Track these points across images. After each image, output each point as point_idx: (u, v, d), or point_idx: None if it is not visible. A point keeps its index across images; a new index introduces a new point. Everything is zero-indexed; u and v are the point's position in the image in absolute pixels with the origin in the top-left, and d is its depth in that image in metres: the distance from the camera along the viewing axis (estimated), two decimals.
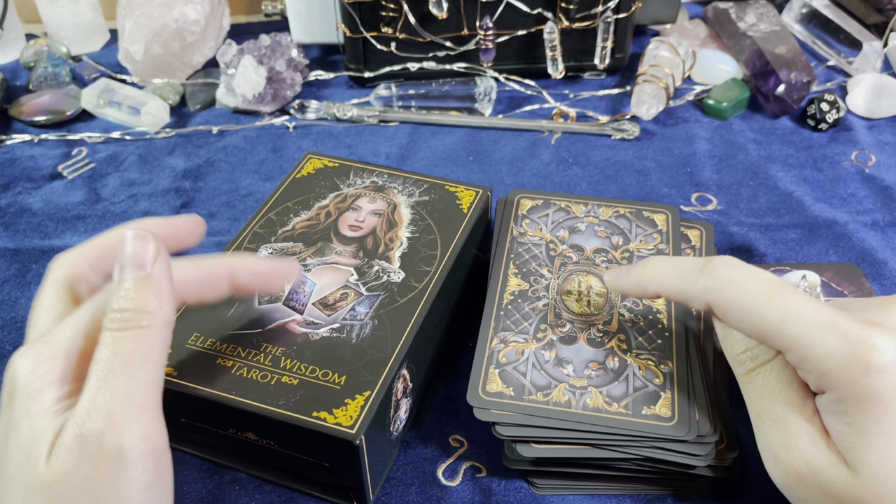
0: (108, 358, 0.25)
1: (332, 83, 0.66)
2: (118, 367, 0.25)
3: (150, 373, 0.26)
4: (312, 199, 0.42)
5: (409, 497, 0.35)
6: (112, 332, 0.26)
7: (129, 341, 0.26)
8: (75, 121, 0.62)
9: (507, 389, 0.33)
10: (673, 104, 0.62)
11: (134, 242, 0.27)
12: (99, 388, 0.25)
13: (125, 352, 0.26)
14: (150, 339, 0.26)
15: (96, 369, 0.25)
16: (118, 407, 0.25)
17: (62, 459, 0.24)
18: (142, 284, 0.27)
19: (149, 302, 0.27)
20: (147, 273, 0.27)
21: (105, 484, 0.24)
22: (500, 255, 0.40)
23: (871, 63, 0.62)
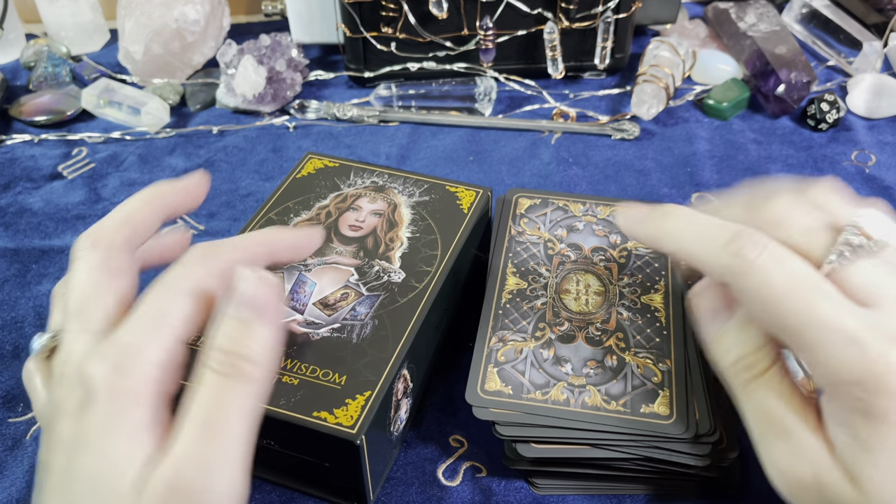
0: (213, 405, 0.24)
1: (332, 83, 0.66)
2: (223, 420, 0.24)
3: (251, 430, 0.25)
4: (313, 199, 0.42)
5: (409, 497, 0.35)
6: (217, 375, 0.24)
7: (237, 393, 0.24)
8: (75, 121, 0.62)
9: (505, 388, 0.33)
10: (673, 104, 0.62)
11: (259, 283, 0.26)
12: (199, 436, 0.24)
13: (232, 404, 0.24)
14: (256, 393, 0.25)
15: (197, 411, 0.24)
16: (219, 463, 0.23)
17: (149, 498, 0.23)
18: (256, 331, 0.25)
19: (260, 353, 0.25)
20: (262, 319, 0.26)
21: None
22: (498, 254, 0.40)
23: (871, 63, 0.62)
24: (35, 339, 0.29)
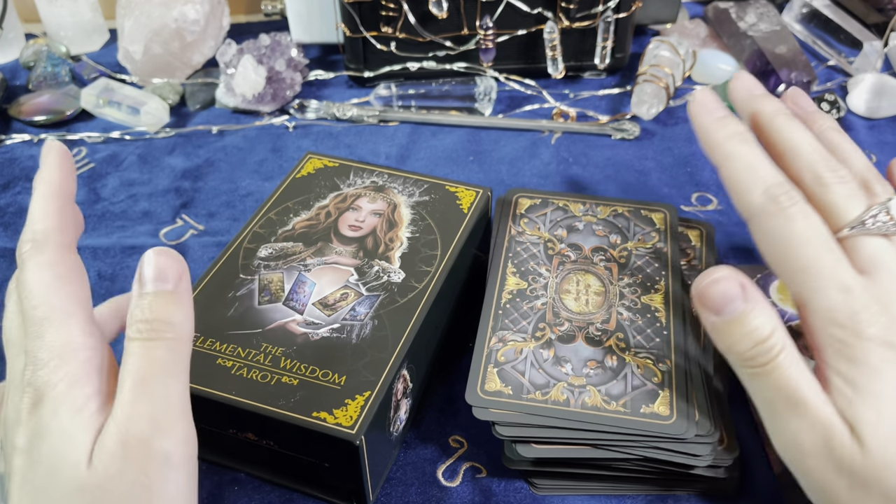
0: (144, 366, 0.26)
1: (331, 83, 0.66)
2: (154, 376, 0.26)
3: (182, 382, 0.26)
4: (312, 199, 0.42)
5: (409, 497, 0.35)
6: (140, 341, 0.26)
7: (161, 351, 0.26)
8: (75, 121, 0.61)
9: (505, 388, 0.33)
10: (673, 104, 0.62)
11: (158, 258, 0.28)
12: (137, 394, 0.25)
13: (159, 361, 0.26)
14: (181, 350, 0.27)
15: (131, 376, 0.26)
16: (160, 413, 0.25)
17: (106, 464, 0.24)
18: (167, 298, 0.27)
19: (175, 315, 0.27)
20: (173, 289, 0.27)
21: (154, 488, 0.24)
22: (498, 254, 0.40)
23: (871, 63, 0.62)
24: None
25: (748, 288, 0.30)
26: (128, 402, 0.25)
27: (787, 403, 0.29)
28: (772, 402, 0.29)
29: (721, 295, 0.30)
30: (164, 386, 0.26)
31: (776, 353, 0.29)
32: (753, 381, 0.30)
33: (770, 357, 0.29)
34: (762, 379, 0.29)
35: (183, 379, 0.27)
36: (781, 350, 0.29)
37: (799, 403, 0.28)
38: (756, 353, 0.29)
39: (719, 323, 0.30)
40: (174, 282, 0.28)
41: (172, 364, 0.26)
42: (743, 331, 0.30)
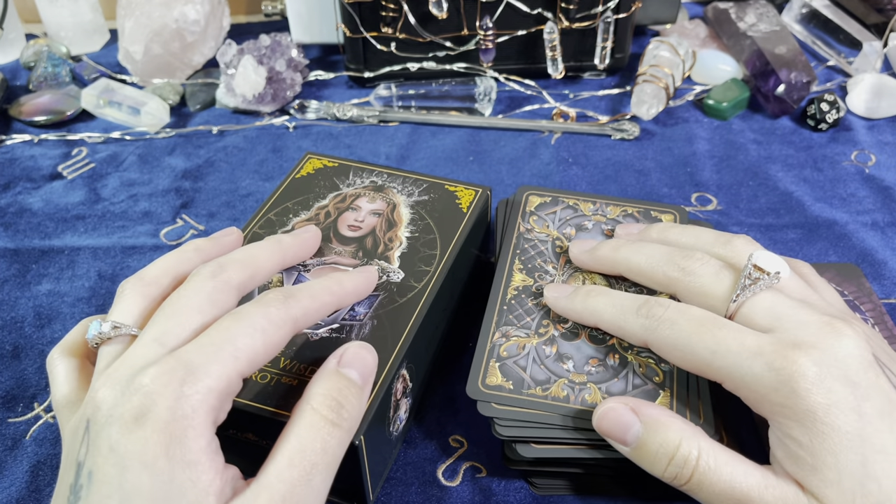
0: (318, 451, 0.26)
1: (332, 83, 0.66)
2: (323, 465, 0.26)
3: (333, 474, 0.27)
4: (312, 199, 0.42)
5: (409, 497, 0.35)
6: (320, 415, 0.26)
7: (336, 441, 0.26)
8: (75, 121, 0.62)
9: (506, 383, 0.34)
10: (673, 104, 0.62)
11: (365, 353, 0.30)
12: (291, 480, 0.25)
13: (331, 452, 0.26)
14: (345, 444, 0.27)
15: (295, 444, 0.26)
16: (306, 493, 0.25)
17: None
18: (358, 392, 0.28)
19: (357, 411, 0.28)
20: (361, 384, 0.29)
21: None
22: (506, 250, 0.40)
23: (870, 63, 0.62)
24: (93, 325, 0.28)
25: (640, 407, 0.30)
26: (276, 486, 0.25)
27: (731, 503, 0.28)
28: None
29: (616, 425, 0.30)
30: (323, 480, 0.26)
31: (693, 461, 0.28)
32: (693, 495, 0.29)
33: (690, 469, 0.28)
34: (697, 492, 0.29)
35: (332, 473, 0.27)
36: (698, 456, 0.28)
37: (742, 498, 0.28)
38: (675, 471, 0.29)
39: (632, 452, 0.30)
40: (366, 379, 0.29)
41: (337, 459, 0.27)
42: (651, 453, 0.29)
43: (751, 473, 0.28)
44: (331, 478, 0.26)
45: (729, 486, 0.28)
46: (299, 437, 0.26)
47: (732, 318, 0.31)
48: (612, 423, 0.30)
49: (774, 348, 0.28)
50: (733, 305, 0.31)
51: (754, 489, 0.28)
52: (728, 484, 0.28)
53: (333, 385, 0.28)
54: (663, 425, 0.29)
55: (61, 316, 0.45)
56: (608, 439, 0.31)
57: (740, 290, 0.31)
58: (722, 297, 0.31)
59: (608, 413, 0.31)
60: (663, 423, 0.29)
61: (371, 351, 0.30)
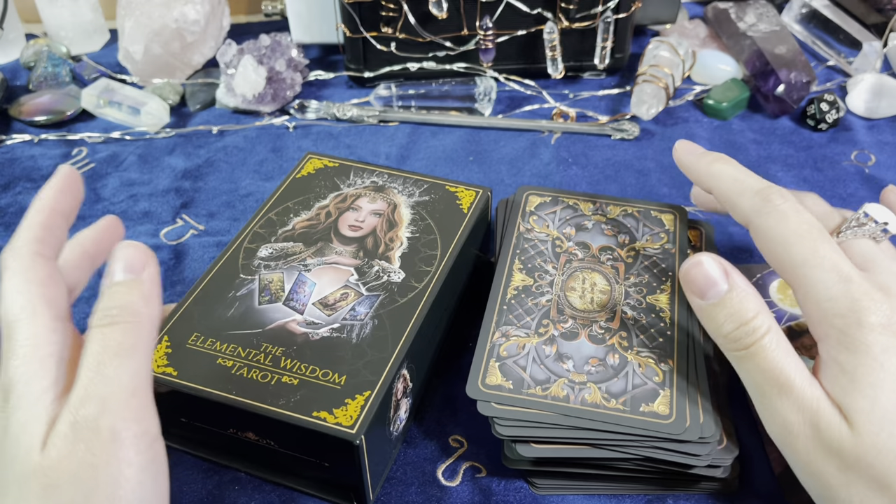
0: (99, 350, 0.27)
1: (332, 83, 0.66)
2: (108, 358, 0.26)
3: (138, 362, 0.27)
4: (313, 199, 0.42)
5: (409, 497, 0.35)
6: (101, 328, 0.27)
7: (119, 334, 0.27)
8: (75, 121, 0.62)
9: (506, 383, 0.34)
10: (673, 104, 0.62)
11: (125, 250, 0.29)
12: (91, 378, 0.26)
13: (114, 344, 0.27)
14: (138, 332, 0.27)
15: (87, 361, 0.26)
16: (110, 393, 0.26)
17: (58, 447, 0.25)
18: (131, 286, 0.28)
19: (136, 301, 0.28)
20: (137, 277, 0.29)
21: (100, 466, 0.25)
22: (505, 250, 0.40)
23: (870, 63, 0.62)
24: None
25: (731, 272, 0.31)
26: (81, 385, 0.26)
27: (773, 385, 0.29)
28: (759, 385, 0.30)
29: (703, 278, 0.31)
30: (117, 367, 0.26)
31: (760, 334, 0.30)
32: (740, 364, 0.31)
33: (754, 338, 0.30)
34: (748, 361, 0.30)
35: (139, 359, 0.27)
36: (766, 332, 0.30)
37: (784, 385, 0.29)
38: (740, 335, 0.30)
39: (705, 306, 0.31)
40: (140, 271, 0.29)
41: (128, 346, 0.27)
42: (726, 312, 0.31)
43: (802, 369, 0.29)
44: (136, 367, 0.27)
45: (778, 368, 0.29)
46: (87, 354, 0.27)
47: None
48: (700, 275, 0.31)
49: (861, 282, 0.29)
50: (837, 237, 0.31)
51: (798, 381, 0.29)
52: (778, 365, 0.29)
53: (101, 299, 0.28)
54: (747, 294, 0.31)
55: None
56: (686, 289, 0.32)
57: (844, 228, 0.32)
58: (829, 226, 0.32)
59: (698, 266, 0.32)
60: (748, 292, 0.31)
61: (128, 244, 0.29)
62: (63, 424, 0.25)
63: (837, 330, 0.29)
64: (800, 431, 0.29)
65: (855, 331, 0.28)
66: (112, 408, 0.25)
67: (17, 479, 0.25)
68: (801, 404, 0.29)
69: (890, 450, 0.27)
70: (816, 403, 0.29)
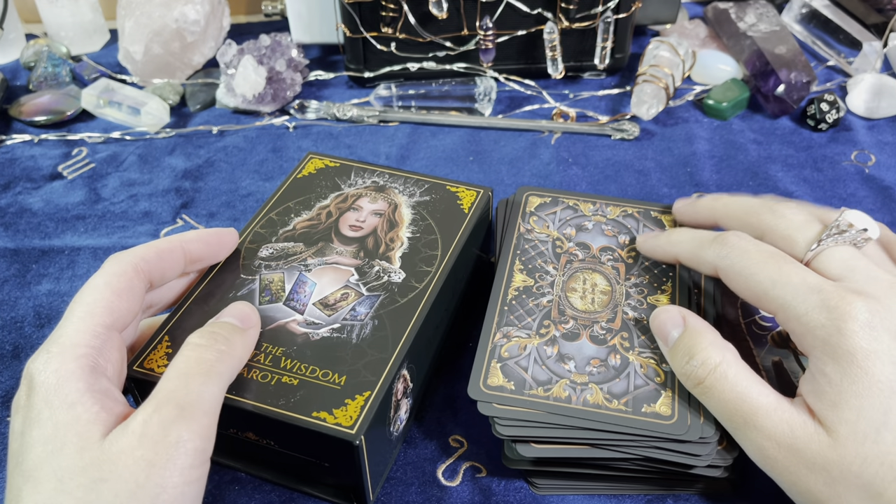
0: (192, 364, 0.29)
1: (332, 83, 0.66)
2: (198, 374, 0.28)
3: (220, 389, 0.29)
4: (313, 199, 0.42)
5: (409, 497, 0.35)
6: (196, 344, 0.29)
7: (212, 356, 0.29)
8: (75, 121, 0.62)
9: (507, 383, 0.34)
10: (673, 104, 0.62)
11: (241, 306, 0.33)
12: (177, 385, 0.27)
13: (206, 362, 0.29)
14: (231, 364, 0.30)
15: (175, 370, 0.28)
16: (189, 405, 0.27)
17: (123, 441, 0.26)
18: (239, 330, 0.32)
19: (238, 341, 0.31)
20: (243, 327, 0.32)
21: (156, 466, 0.26)
22: (506, 251, 0.40)
23: (870, 63, 0.62)
24: None
25: (688, 317, 0.33)
26: (164, 389, 0.27)
27: (737, 416, 0.29)
28: (724, 417, 0.30)
29: (662, 324, 0.34)
30: (203, 384, 0.28)
31: (712, 366, 0.30)
32: (703, 399, 0.31)
33: (706, 371, 0.31)
34: (707, 396, 0.31)
35: (222, 386, 0.29)
36: (718, 364, 0.30)
37: (748, 414, 0.29)
38: (691, 370, 0.31)
39: (667, 350, 0.33)
40: (247, 325, 0.32)
41: (217, 370, 0.29)
42: (680, 351, 0.32)
43: (765, 395, 0.29)
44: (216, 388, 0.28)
45: (738, 398, 0.29)
46: (177, 362, 0.29)
47: (808, 263, 0.32)
48: (662, 322, 0.34)
49: (835, 290, 0.29)
50: (812, 251, 0.32)
51: (762, 408, 0.29)
52: (738, 396, 0.29)
53: (207, 324, 0.32)
54: (699, 332, 0.32)
55: (61, 316, 0.45)
56: (656, 336, 0.34)
57: (825, 237, 0.32)
58: (805, 242, 0.32)
59: (661, 313, 0.34)
60: (699, 330, 0.32)
61: (244, 304, 0.34)
62: (136, 423, 0.26)
63: (820, 341, 0.29)
64: (777, 455, 0.29)
65: (836, 339, 0.28)
66: (186, 417, 0.27)
67: (57, 471, 0.25)
68: (769, 431, 0.29)
69: (876, 457, 0.27)
70: (787, 426, 0.28)
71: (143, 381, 0.33)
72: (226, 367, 0.29)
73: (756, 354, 0.38)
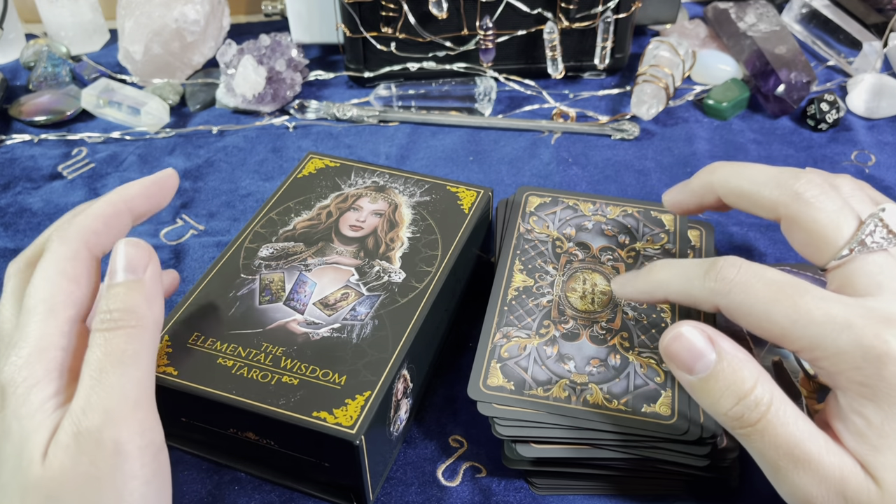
0: (101, 357, 0.26)
1: (332, 83, 0.66)
2: (111, 366, 0.26)
3: (142, 370, 0.27)
4: (314, 199, 0.42)
5: (409, 497, 0.35)
6: (103, 332, 0.27)
7: (121, 340, 0.26)
8: (75, 121, 0.61)
9: (507, 384, 0.34)
10: (673, 104, 0.62)
11: (127, 248, 0.29)
12: (93, 386, 0.25)
13: (117, 350, 0.26)
14: (141, 338, 0.27)
15: (89, 369, 0.26)
16: (114, 404, 0.25)
17: (59, 458, 0.24)
18: (133, 287, 0.28)
19: (139, 304, 0.27)
20: (139, 278, 0.28)
21: (104, 479, 0.24)
22: (506, 251, 0.40)
23: (870, 63, 0.62)
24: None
25: (716, 338, 0.28)
26: (83, 394, 0.25)
27: (789, 461, 0.26)
28: (773, 461, 0.27)
29: (687, 351, 0.28)
30: (120, 376, 0.26)
31: (765, 406, 0.27)
32: (748, 441, 0.27)
33: (759, 413, 0.27)
34: (757, 439, 0.27)
35: (143, 367, 0.27)
36: (771, 402, 0.27)
37: (802, 459, 0.26)
38: (742, 411, 0.27)
39: (695, 382, 0.28)
40: (141, 271, 0.28)
41: (131, 353, 0.26)
42: (721, 386, 0.27)
43: (816, 436, 0.26)
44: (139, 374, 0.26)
45: (793, 442, 0.26)
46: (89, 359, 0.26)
47: (832, 270, 0.28)
48: (682, 348, 0.28)
49: (865, 322, 0.26)
50: (842, 259, 0.28)
51: (815, 452, 0.26)
52: (793, 439, 0.26)
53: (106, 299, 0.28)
54: (740, 360, 0.27)
55: None
56: (671, 365, 0.29)
57: (858, 243, 0.28)
58: (836, 243, 0.28)
59: (680, 337, 0.28)
60: (740, 359, 0.27)
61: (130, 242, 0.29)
62: (65, 435, 0.25)
63: (857, 383, 0.26)
64: (826, 500, 0.26)
65: (877, 382, 0.25)
66: (115, 419, 0.25)
67: (18, 490, 0.25)
68: (822, 476, 0.26)
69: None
70: (839, 472, 0.26)
71: None
72: (140, 344, 0.27)
73: (756, 354, 0.38)
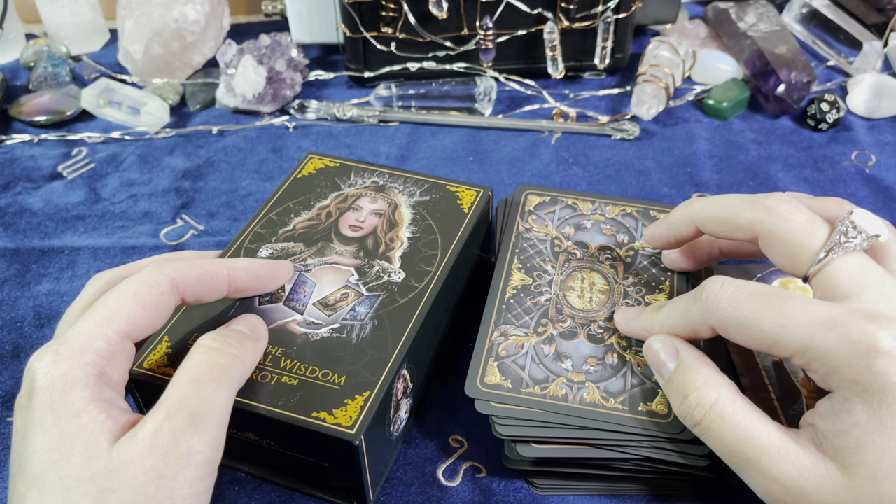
0: (203, 369, 0.28)
1: (332, 83, 0.66)
2: (210, 381, 0.28)
3: (231, 395, 0.28)
4: (313, 199, 0.42)
5: (409, 497, 0.35)
6: (211, 349, 0.29)
7: (226, 363, 0.29)
8: (75, 121, 0.62)
9: (505, 382, 0.34)
10: (673, 104, 0.62)
11: (252, 318, 0.33)
12: (188, 392, 0.27)
13: (217, 368, 0.28)
14: (241, 371, 0.29)
15: (186, 374, 0.28)
16: (201, 413, 0.26)
17: (132, 450, 0.25)
18: (250, 339, 0.31)
19: (249, 348, 0.30)
20: (255, 339, 0.32)
21: (166, 478, 0.25)
22: (504, 250, 0.40)
23: (871, 63, 0.62)
24: None
25: (681, 349, 0.31)
26: (174, 395, 0.27)
27: (739, 458, 0.28)
28: (727, 458, 0.29)
29: (656, 356, 0.32)
30: (214, 391, 0.27)
31: (707, 405, 0.28)
32: (704, 439, 0.29)
33: (702, 411, 0.29)
34: (706, 436, 0.29)
35: (232, 393, 0.28)
36: (714, 402, 0.28)
37: (751, 457, 0.27)
38: (686, 410, 0.29)
39: (663, 385, 0.32)
40: (257, 335, 0.32)
41: (229, 376, 0.28)
42: (674, 389, 0.30)
43: (768, 433, 0.27)
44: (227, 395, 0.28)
45: (738, 440, 0.28)
46: (185, 365, 0.28)
47: (812, 277, 0.29)
48: (654, 353, 0.32)
49: (850, 319, 0.26)
50: (820, 263, 0.28)
51: (765, 449, 0.27)
52: (738, 437, 0.28)
53: (219, 330, 0.31)
54: (692, 368, 0.30)
55: (61, 316, 0.45)
56: (651, 367, 0.32)
57: (833, 245, 0.28)
58: (812, 248, 0.29)
59: (654, 343, 0.32)
60: (693, 366, 0.30)
61: (259, 319, 0.33)
62: (145, 431, 0.26)
63: (849, 381, 0.26)
64: (785, 498, 0.27)
65: (868, 378, 0.26)
66: (198, 427, 0.26)
67: (64, 480, 0.25)
68: (774, 474, 0.27)
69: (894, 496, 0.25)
70: (794, 468, 0.27)
71: (142, 381, 0.33)
72: (237, 373, 0.29)
73: (756, 355, 0.38)
